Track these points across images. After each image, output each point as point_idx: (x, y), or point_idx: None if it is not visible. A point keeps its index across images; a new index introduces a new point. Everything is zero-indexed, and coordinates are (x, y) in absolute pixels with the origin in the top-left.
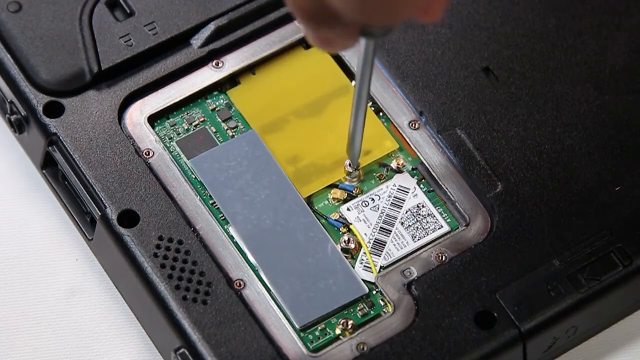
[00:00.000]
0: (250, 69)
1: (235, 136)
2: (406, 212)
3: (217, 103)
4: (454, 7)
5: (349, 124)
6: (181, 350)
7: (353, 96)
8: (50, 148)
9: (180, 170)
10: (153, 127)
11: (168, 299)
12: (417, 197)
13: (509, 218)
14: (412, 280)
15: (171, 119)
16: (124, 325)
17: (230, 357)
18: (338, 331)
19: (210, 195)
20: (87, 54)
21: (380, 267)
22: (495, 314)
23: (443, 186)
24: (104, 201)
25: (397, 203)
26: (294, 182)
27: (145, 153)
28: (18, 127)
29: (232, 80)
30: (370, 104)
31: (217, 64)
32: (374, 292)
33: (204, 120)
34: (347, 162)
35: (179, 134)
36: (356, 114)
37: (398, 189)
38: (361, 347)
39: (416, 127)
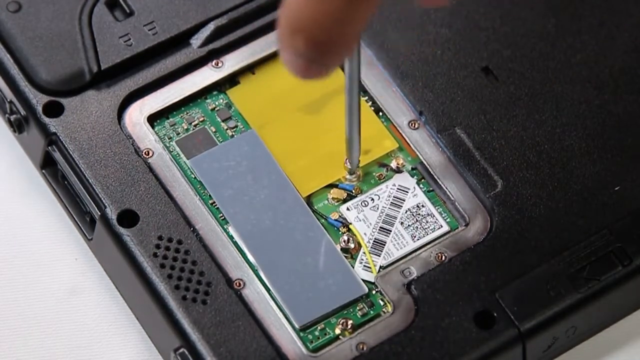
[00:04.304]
0: (250, 69)
1: (235, 136)
2: (406, 212)
3: (216, 103)
4: (453, 7)
5: (344, 123)
6: (181, 350)
7: (344, 90)
8: (49, 148)
9: (180, 170)
10: (153, 126)
11: (168, 298)
12: (416, 196)
13: (509, 218)
14: (412, 280)
15: (171, 119)
16: (123, 325)
17: (229, 357)
18: (338, 331)
19: (209, 195)
20: (87, 53)
21: (380, 267)
22: (495, 314)
23: (443, 186)
24: (103, 201)
25: (397, 203)
26: (293, 182)
27: (145, 153)
28: (18, 126)
29: (232, 80)
30: (369, 103)
31: (216, 64)
32: (374, 292)
33: (203, 120)
34: (347, 159)
35: (179, 133)
36: (350, 108)
37: (398, 188)
38: (361, 347)
39: (416, 126)
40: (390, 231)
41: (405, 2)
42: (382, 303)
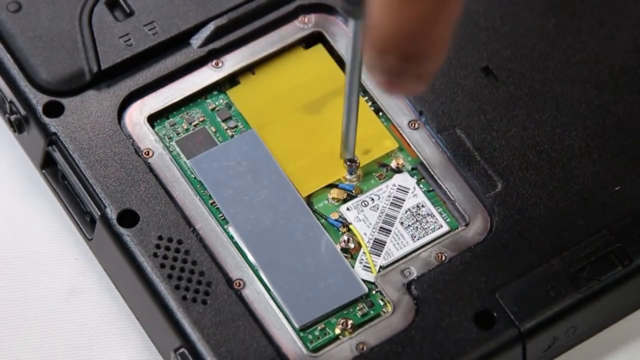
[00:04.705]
0: (250, 69)
1: (235, 136)
2: (406, 212)
3: (216, 103)
4: None
5: (342, 115)
6: (181, 350)
7: (344, 84)
8: (50, 148)
9: (180, 170)
10: (153, 126)
11: (168, 298)
12: (416, 197)
13: (509, 218)
14: (412, 280)
15: (171, 119)
16: (123, 325)
17: (229, 357)
18: (338, 331)
19: (209, 195)
20: (87, 53)
21: (380, 266)
22: (495, 314)
23: (443, 186)
24: (103, 201)
25: (397, 203)
26: (293, 182)
27: (145, 153)
28: (18, 126)
29: (232, 80)
30: (369, 103)
31: (216, 64)
32: (374, 292)
33: (203, 120)
34: (342, 150)
35: (179, 133)
36: (349, 100)
37: (398, 188)
38: (361, 347)
39: (416, 126)
40: (390, 231)
41: None
42: (382, 303)
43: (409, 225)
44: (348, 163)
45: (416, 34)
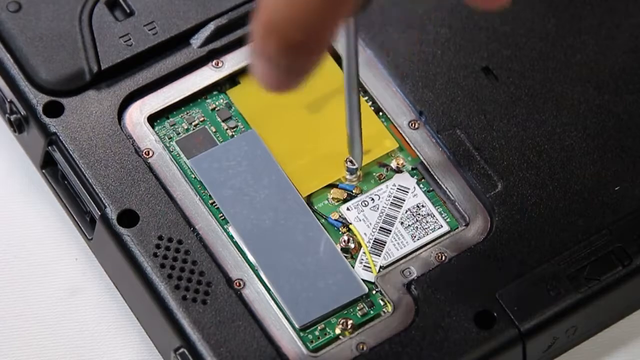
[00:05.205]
0: (250, 69)
1: (235, 136)
2: (406, 212)
3: (217, 103)
4: (453, 7)
5: (345, 117)
6: (181, 350)
7: (344, 85)
8: (50, 148)
9: (180, 170)
10: (153, 126)
11: (168, 298)
12: (416, 196)
13: (509, 218)
14: (412, 280)
15: (171, 119)
16: (123, 325)
17: (229, 357)
18: (338, 331)
19: (209, 195)
20: (87, 53)
21: (380, 267)
22: (495, 314)
23: (443, 186)
24: (103, 201)
25: (397, 203)
26: (293, 182)
27: (145, 153)
28: (18, 126)
29: (232, 80)
30: (370, 103)
31: (216, 64)
32: (374, 292)
33: (203, 120)
34: (348, 158)
35: (179, 133)
36: (350, 101)
37: (398, 188)
38: (361, 347)
39: (416, 126)
40: (390, 231)
41: (405, 2)
42: (382, 303)
43: (409, 225)
44: (348, 163)
45: (301, 24)
